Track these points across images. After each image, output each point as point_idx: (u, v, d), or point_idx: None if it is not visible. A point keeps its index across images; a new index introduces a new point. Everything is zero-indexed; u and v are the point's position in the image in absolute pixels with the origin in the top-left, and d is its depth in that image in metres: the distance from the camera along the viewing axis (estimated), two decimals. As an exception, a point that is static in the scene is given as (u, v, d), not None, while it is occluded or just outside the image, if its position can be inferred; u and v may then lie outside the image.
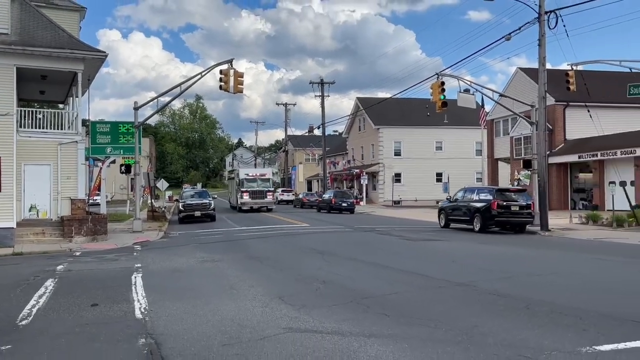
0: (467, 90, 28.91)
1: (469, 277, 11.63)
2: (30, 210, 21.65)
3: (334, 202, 43.63)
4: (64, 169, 21.81)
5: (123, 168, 28.08)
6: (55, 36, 21.73)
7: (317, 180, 76.70)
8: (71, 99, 25.66)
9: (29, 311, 9.12)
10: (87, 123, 26.50)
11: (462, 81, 27.57)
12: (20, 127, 21.44)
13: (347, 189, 60.75)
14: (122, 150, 26.88)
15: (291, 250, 18.22)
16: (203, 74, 26.77)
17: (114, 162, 35.12)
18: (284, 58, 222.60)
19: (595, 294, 10.13)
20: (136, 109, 26.74)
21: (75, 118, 22.82)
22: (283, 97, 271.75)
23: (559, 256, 16.15)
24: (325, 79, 59.47)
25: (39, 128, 22.29)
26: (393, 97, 50.16)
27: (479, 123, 43.90)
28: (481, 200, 24.52)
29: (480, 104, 39.81)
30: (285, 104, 76.32)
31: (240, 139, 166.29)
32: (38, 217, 21.74)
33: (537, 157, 26.04)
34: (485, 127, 45.82)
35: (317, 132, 75.28)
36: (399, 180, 57.49)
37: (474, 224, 24.47)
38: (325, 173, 62.34)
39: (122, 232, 25.67)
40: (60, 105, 30.08)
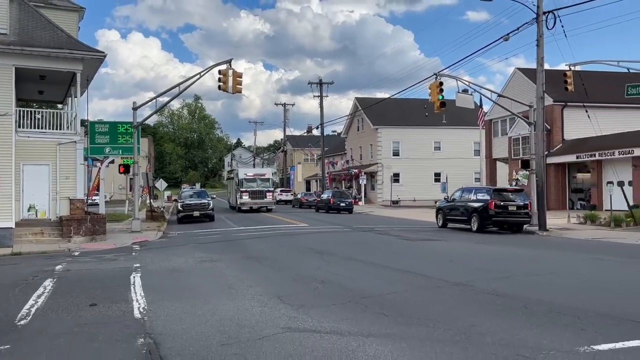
0: (465, 91, 29.02)
1: (467, 277, 11.63)
2: (29, 210, 21.65)
3: (332, 202, 43.69)
4: (63, 169, 21.81)
5: (122, 168, 28.11)
6: (54, 36, 21.73)
7: (316, 181, 76.72)
8: (70, 99, 25.64)
9: (27, 311, 9.12)
10: (86, 123, 26.48)
11: (461, 81, 27.64)
12: (19, 127, 21.44)
13: (346, 189, 60.76)
14: (120, 150, 26.88)
15: (289, 250, 18.22)
16: (202, 74, 26.79)
17: (112, 162, 35.09)
18: (282, 58, 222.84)
19: (593, 293, 10.13)
20: (135, 109, 26.75)
21: (74, 118, 22.80)
22: (282, 98, 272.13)
23: (557, 256, 16.15)
24: (324, 79, 59.50)
25: (38, 128, 22.27)
26: (392, 97, 50.23)
27: (477, 123, 44.01)
28: (478, 200, 24.56)
29: (479, 104, 40.04)
30: (284, 104, 76.53)
31: (239, 139, 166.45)
32: (37, 217, 21.75)
33: (535, 157, 26.07)
34: (484, 127, 45.87)
35: (315, 132, 75.47)
36: (397, 180, 57.51)
37: (472, 224, 24.50)
38: (324, 173, 62.34)
39: (121, 232, 25.67)
40: (59, 106, 30.06)
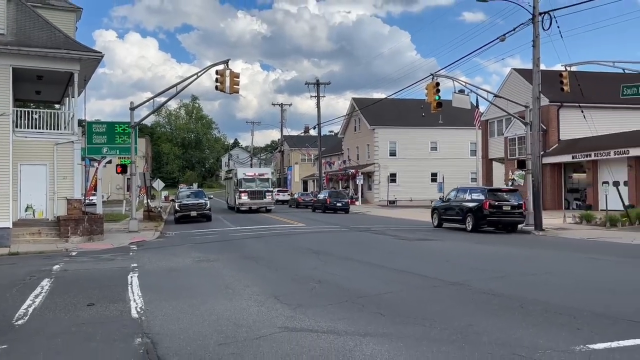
0: (461, 91, 29.06)
1: (463, 277, 11.66)
2: (26, 210, 21.62)
3: (328, 202, 43.76)
4: (60, 169, 21.78)
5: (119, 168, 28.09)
6: (51, 36, 21.70)
7: (313, 181, 76.74)
8: (67, 99, 25.60)
9: (25, 311, 9.11)
10: (84, 123, 26.48)
11: (457, 82, 27.66)
12: (17, 127, 21.39)
13: (343, 189, 60.85)
14: (118, 151, 26.95)
15: (286, 250, 18.24)
16: (199, 74, 26.80)
17: (110, 162, 35.18)
18: (279, 59, 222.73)
19: (589, 293, 10.15)
20: (132, 109, 26.75)
21: (72, 118, 22.77)
22: (279, 98, 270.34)
23: (552, 256, 16.18)
24: (321, 79, 59.81)
25: (35, 128, 22.23)
26: (388, 97, 50.27)
27: (474, 123, 44.05)
28: (473, 200, 24.65)
29: (475, 104, 40.06)
30: (281, 105, 76.58)
31: (236, 139, 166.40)
32: (34, 217, 21.72)
33: (531, 157, 26.15)
34: (480, 128, 45.91)
35: (312, 132, 75.60)
36: (394, 181, 57.58)
37: (467, 224, 24.61)
38: (321, 173, 62.37)
39: (118, 232, 25.63)
40: (57, 106, 30.01)
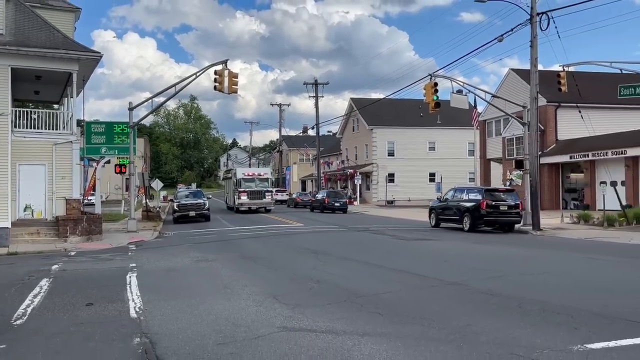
0: (459, 91, 29.09)
1: (461, 277, 11.68)
2: (25, 210, 21.62)
3: (327, 202, 43.82)
4: (59, 169, 21.80)
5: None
6: (50, 37, 21.71)
7: (311, 180, 76.76)
8: (66, 99, 25.62)
9: (23, 311, 9.12)
10: (82, 123, 26.48)
11: (455, 82, 27.69)
12: (15, 127, 21.40)
13: (341, 189, 60.88)
14: (116, 151, 26.94)
15: (285, 249, 18.25)
16: (198, 74, 26.83)
17: (108, 162, 35.17)
18: (278, 59, 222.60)
19: (586, 293, 10.17)
20: (131, 109, 26.74)
21: (70, 118, 22.79)
22: (277, 98, 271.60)
23: (550, 255, 16.18)
24: (319, 79, 59.76)
25: (34, 128, 22.24)
26: (386, 97, 50.33)
27: (472, 124, 44.15)
28: (470, 200, 24.72)
29: (473, 104, 40.10)
30: (280, 105, 76.59)
31: (234, 139, 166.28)
32: (33, 217, 21.73)
33: (529, 158, 26.20)
34: (478, 128, 46.03)
35: (311, 132, 75.50)
36: (392, 180, 57.61)
37: (464, 224, 24.67)
38: (320, 173, 62.40)
39: (117, 231, 25.64)
40: (55, 106, 30.01)
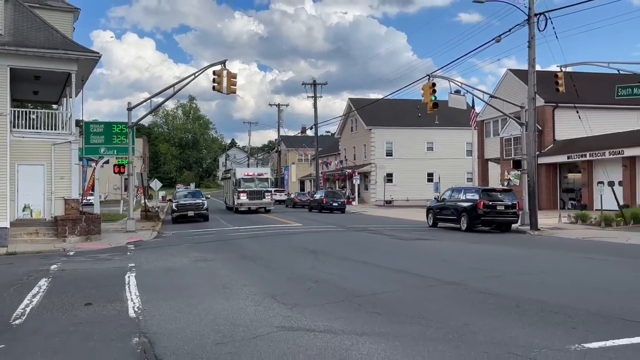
0: (457, 92, 29.17)
1: (459, 276, 11.71)
2: (23, 210, 21.63)
3: (325, 202, 43.86)
4: (58, 169, 21.81)
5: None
6: (49, 37, 21.71)
7: (310, 180, 76.75)
8: (65, 99, 25.62)
9: (22, 310, 9.12)
10: (81, 123, 26.48)
11: (453, 82, 27.77)
12: (14, 127, 21.40)
13: (340, 189, 60.92)
14: (115, 151, 26.92)
15: (283, 249, 18.27)
16: (196, 74, 26.85)
17: (107, 162, 35.16)
18: (276, 59, 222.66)
19: (584, 292, 10.18)
20: (130, 109, 26.77)
21: (69, 118, 22.79)
22: (276, 98, 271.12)
23: (548, 255, 16.20)
24: (317, 80, 59.69)
25: (33, 128, 22.24)
26: (385, 98, 50.39)
27: (470, 124, 44.22)
28: (468, 200, 24.80)
29: (471, 105, 40.13)
30: (278, 105, 76.55)
31: (233, 140, 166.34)
32: (32, 217, 21.73)
33: (527, 158, 26.24)
34: (476, 128, 46.07)
35: (309, 132, 75.57)
36: (390, 180, 57.69)
37: (461, 223, 24.78)
38: (318, 173, 62.43)
39: (116, 231, 25.64)
40: (54, 106, 30.01)
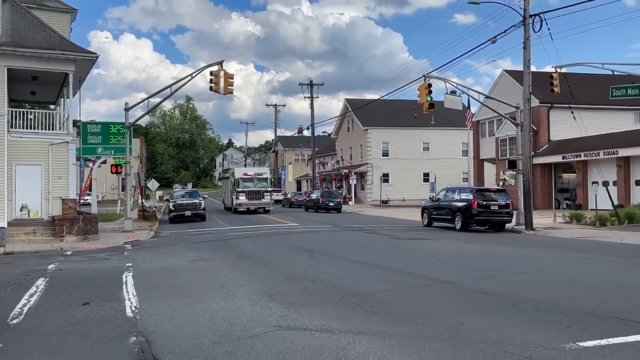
0: (453, 92, 29.28)
1: (454, 275, 11.77)
2: (21, 210, 21.65)
3: (321, 202, 43.90)
4: (55, 169, 21.84)
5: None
6: (46, 37, 21.73)
7: (307, 180, 76.79)
8: (62, 99, 25.63)
9: (20, 310, 9.14)
10: (78, 124, 26.50)
11: (449, 83, 27.81)
12: (12, 127, 21.43)
13: (336, 189, 60.98)
14: (113, 151, 26.92)
15: (280, 249, 18.31)
16: (193, 75, 26.89)
17: (104, 162, 35.07)
18: (273, 60, 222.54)
19: (579, 291, 10.21)
20: (127, 109, 26.75)
21: (67, 119, 22.80)
22: (273, 99, 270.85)
23: (543, 255, 16.25)
24: (314, 80, 59.50)
25: (30, 128, 22.27)
26: (381, 98, 50.49)
27: (465, 124, 44.23)
28: (462, 200, 24.93)
29: (467, 105, 40.26)
30: (275, 105, 76.66)
31: (230, 140, 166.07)
32: (29, 216, 21.76)
33: (522, 158, 26.34)
34: (471, 128, 46.05)
35: (306, 132, 75.60)
36: (387, 180, 57.76)
37: (455, 223, 24.90)
38: (315, 173, 62.44)
39: (113, 231, 25.66)
40: (52, 106, 30.02)
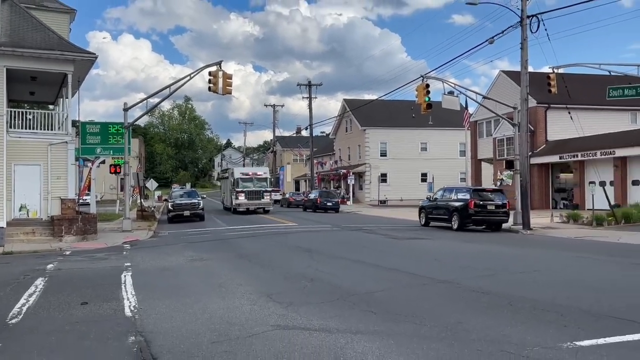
0: (451, 93, 29.32)
1: (452, 275, 11.80)
2: (20, 210, 21.65)
3: (319, 202, 43.94)
4: (54, 169, 21.84)
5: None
6: (45, 38, 21.73)
7: (305, 180, 76.83)
8: (61, 100, 25.64)
9: (19, 310, 9.14)
10: (77, 124, 26.52)
11: (447, 83, 27.88)
12: (10, 127, 21.42)
13: (334, 189, 61.02)
14: (111, 151, 26.95)
15: (279, 249, 18.34)
16: (192, 75, 26.92)
17: (103, 162, 35.11)
18: (272, 60, 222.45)
19: (576, 291, 10.23)
20: (126, 110, 26.78)
21: (65, 119, 22.81)
22: (271, 99, 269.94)
23: (540, 254, 16.29)
24: (312, 80, 59.93)
25: (29, 129, 22.26)
26: (379, 98, 50.58)
27: (463, 124, 44.43)
28: (459, 200, 24.99)
29: (464, 105, 40.28)
30: (274, 106, 76.79)
31: (228, 140, 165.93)
32: (28, 216, 21.76)
33: (520, 158, 26.37)
34: (469, 129, 46.26)
35: (304, 133, 75.75)
36: (385, 180, 57.81)
37: (452, 223, 24.96)
38: (313, 173, 62.46)
39: (112, 231, 25.67)
40: (50, 106, 30.04)
